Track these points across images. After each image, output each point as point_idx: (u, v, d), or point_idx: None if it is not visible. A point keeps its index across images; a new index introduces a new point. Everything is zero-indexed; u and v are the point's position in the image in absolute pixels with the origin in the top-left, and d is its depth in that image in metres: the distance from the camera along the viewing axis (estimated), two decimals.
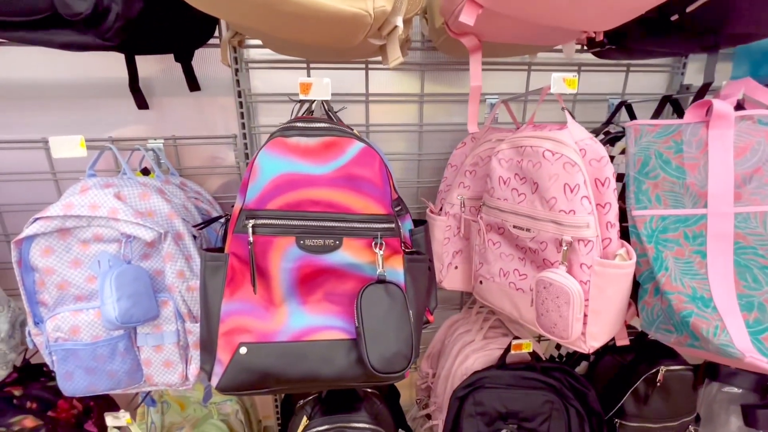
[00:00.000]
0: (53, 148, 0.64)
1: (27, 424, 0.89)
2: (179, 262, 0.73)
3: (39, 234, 0.69)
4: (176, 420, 1.09)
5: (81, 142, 0.64)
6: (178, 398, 1.08)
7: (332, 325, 0.57)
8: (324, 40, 0.58)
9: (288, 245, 0.55)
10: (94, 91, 0.93)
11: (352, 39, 0.58)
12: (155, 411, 1.05)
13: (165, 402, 1.07)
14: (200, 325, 0.56)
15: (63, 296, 0.73)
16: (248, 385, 0.52)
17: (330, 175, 0.57)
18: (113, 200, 0.69)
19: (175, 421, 1.09)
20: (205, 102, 0.97)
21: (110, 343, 0.73)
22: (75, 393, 0.75)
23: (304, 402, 0.88)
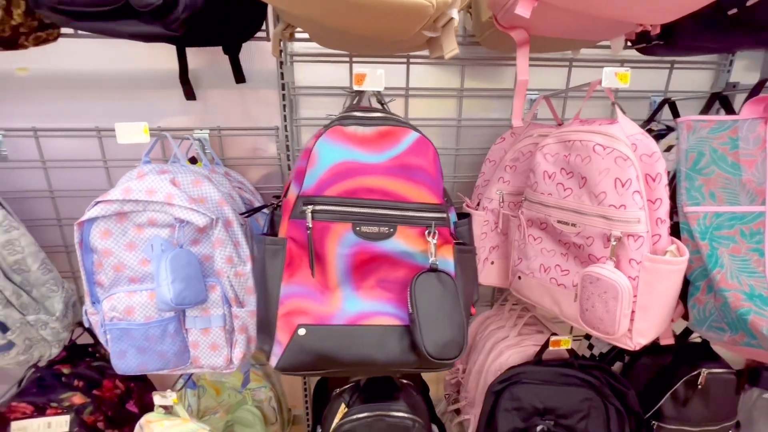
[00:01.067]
0: (118, 133, 0.67)
1: (76, 400, 0.93)
2: (228, 248, 0.76)
3: (99, 217, 0.72)
4: (211, 404, 1.12)
5: (144, 129, 0.67)
6: (214, 383, 1.10)
7: (385, 311, 0.58)
8: (382, 31, 0.59)
9: (345, 231, 0.57)
10: (143, 82, 0.96)
11: (410, 30, 0.59)
12: (192, 394, 1.08)
13: (201, 386, 1.10)
14: (258, 306, 0.57)
15: (118, 277, 0.75)
16: (306, 366, 0.54)
17: (385, 163, 0.58)
18: (169, 186, 0.71)
19: (210, 405, 1.12)
20: (248, 94, 0.99)
21: (161, 324, 0.76)
22: (126, 371, 0.78)
23: (341, 390, 0.89)
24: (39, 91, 0.93)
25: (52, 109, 0.94)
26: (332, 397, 0.91)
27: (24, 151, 0.94)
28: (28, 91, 0.92)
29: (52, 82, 0.93)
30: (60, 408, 0.90)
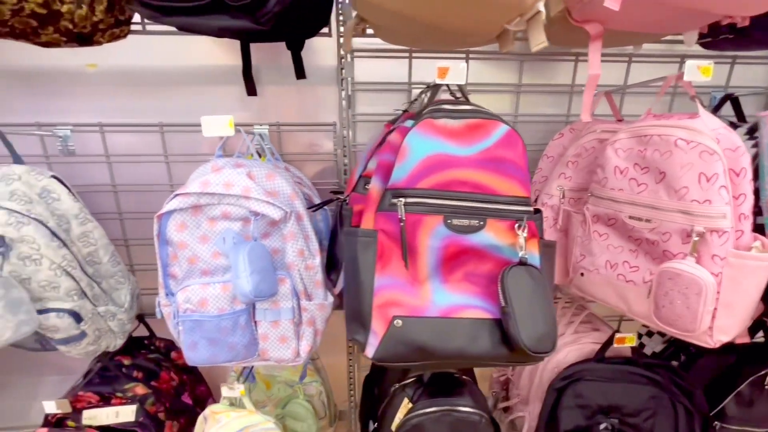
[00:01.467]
0: (204, 127, 0.68)
1: (138, 391, 0.94)
2: (300, 242, 0.76)
3: (176, 209, 0.73)
4: (260, 398, 1.13)
5: (230, 122, 0.68)
6: (265, 377, 1.11)
7: (474, 305, 0.58)
8: (473, 24, 0.59)
9: (436, 224, 0.57)
10: (202, 78, 0.97)
11: (501, 22, 0.59)
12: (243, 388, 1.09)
13: None
14: (349, 297, 0.58)
15: (191, 270, 0.77)
16: (402, 357, 0.54)
17: (475, 156, 0.58)
18: (246, 179, 0.72)
19: (259, 399, 1.13)
20: (305, 90, 1.00)
21: (233, 317, 0.77)
22: (197, 363, 0.79)
23: (401, 385, 0.89)
24: (104, 86, 0.95)
25: (116, 104, 0.96)
26: (391, 393, 0.91)
27: (87, 146, 0.96)
28: (94, 87, 0.94)
29: (117, 78, 0.94)
30: (124, 398, 0.92)
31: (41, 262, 0.73)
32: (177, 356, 1.11)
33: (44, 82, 0.93)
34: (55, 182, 0.78)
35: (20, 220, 0.71)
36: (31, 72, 0.92)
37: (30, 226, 0.71)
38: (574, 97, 1.03)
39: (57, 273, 0.75)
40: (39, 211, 0.74)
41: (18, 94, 0.93)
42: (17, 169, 0.75)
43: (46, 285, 0.75)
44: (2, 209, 0.70)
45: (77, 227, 0.79)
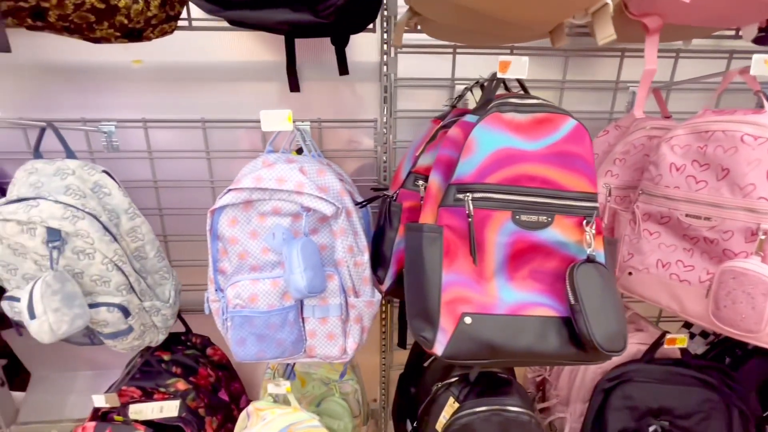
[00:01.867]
0: (263, 121, 0.67)
1: (179, 386, 0.94)
2: (349, 238, 0.76)
3: (229, 205, 0.73)
4: (295, 395, 1.13)
5: (288, 117, 0.67)
6: (301, 374, 1.11)
7: (541, 302, 0.57)
8: (538, 17, 0.58)
9: (504, 220, 0.56)
10: (243, 74, 0.97)
11: (567, 15, 0.58)
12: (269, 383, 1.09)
13: None
14: (413, 294, 0.57)
15: (241, 265, 0.76)
16: (471, 355, 0.53)
17: (543, 151, 0.57)
18: (299, 175, 0.72)
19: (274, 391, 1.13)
20: (345, 87, 0.99)
21: (282, 313, 0.76)
22: (245, 359, 0.79)
23: (444, 384, 0.88)
24: (147, 83, 0.95)
25: (157, 100, 0.96)
26: (433, 392, 0.90)
27: (128, 142, 0.97)
28: (136, 83, 0.95)
29: (160, 73, 0.95)
30: (167, 393, 0.92)
31: (94, 256, 0.73)
32: (212, 352, 1.11)
33: (89, 79, 0.94)
34: (107, 177, 0.78)
35: (75, 215, 0.71)
36: (76, 68, 0.93)
37: (84, 220, 0.72)
38: (619, 94, 1.01)
39: (108, 267, 0.75)
40: (92, 206, 0.74)
41: (63, 91, 0.94)
42: (71, 164, 0.75)
43: (97, 279, 0.76)
44: (59, 203, 0.70)
45: (126, 222, 0.80)
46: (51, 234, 0.69)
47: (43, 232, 0.69)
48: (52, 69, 0.93)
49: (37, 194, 0.71)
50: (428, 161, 0.79)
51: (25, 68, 0.92)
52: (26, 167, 0.75)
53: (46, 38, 0.91)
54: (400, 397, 1.13)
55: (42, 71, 0.93)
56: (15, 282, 0.77)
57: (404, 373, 1.13)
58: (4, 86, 0.93)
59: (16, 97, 0.94)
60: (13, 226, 0.69)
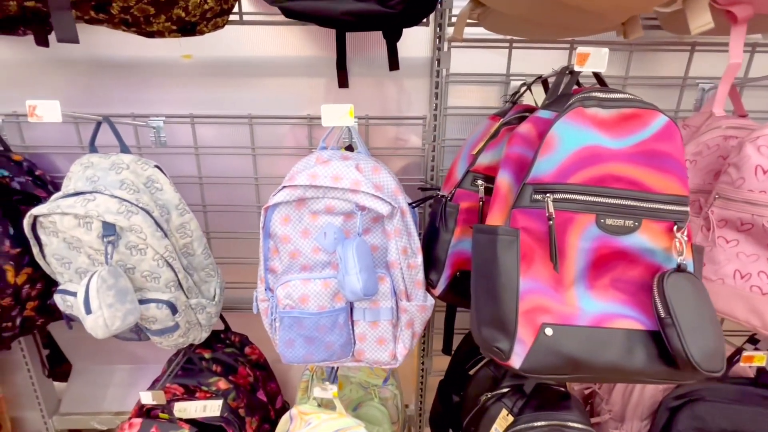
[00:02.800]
0: (324, 116, 0.65)
1: (221, 385, 0.93)
2: (404, 239, 0.73)
3: (282, 202, 0.71)
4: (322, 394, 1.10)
5: (350, 112, 0.65)
6: (339, 377, 1.09)
7: (625, 314, 0.52)
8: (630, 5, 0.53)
9: (588, 223, 0.52)
10: (290, 69, 0.95)
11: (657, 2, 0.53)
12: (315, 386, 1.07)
13: (324, 379, 1.09)
14: (484, 301, 0.53)
15: (292, 265, 0.74)
16: (552, 369, 0.49)
17: (629, 149, 0.52)
18: (355, 172, 0.69)
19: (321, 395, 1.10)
20: (393, 82, 0.96)
21: (333, 315, 0.74)
22: (293, 361, 0.76)
23: (495, 395, 0.84)
24: (196, 78, 0.94)
25: (205, 95, 0.96)
26: (482, 402, 0.86)
27: (175, 137, 0.96)
28: (186, 78, 0.94)
29: (208, 69, 0.94)
30: (209, 392, 0.91)
31: (146, 252, 0.72)
32: (251, 351, 1.10)
33: (138, 74, 0.94)
34: (159, 172, 0.77)
35: (130, 209, 0.70)
36: (126, 64, 0.93)
37: (138, 215, 0.71)
38: (686, 91, 0.95)
39: (159, 263, 0.74)
40: (145, 201, 0.74)
41: (113, 86, 0.94)
42: (125, 158, 0.75)
43: (148, 275, 0.75)
44: (114, 198, 0.70)
45: (177, 218, 0.79)
46: (106, 228, 0.69)
47: (99, 227, 0.69)
48: (103, 64, 0.93)
49: (93, 188, 0.70)
50: (488, 160, 0.75)
51: (77, 64, 0.93)
52: (82, 161, 0.75)
53: (98, 34, 0.91)
54: (440, 405, 1.09)
55: (93, 67, 0.93)
56: (68, 275, 0.77)
57: (445, 380, 1.10)
58: (57, 81, 0.94)
59: (67, 92, 0.95)
60: (71, 219, 0.68)
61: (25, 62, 0.93)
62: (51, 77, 0.94)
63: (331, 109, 0.64)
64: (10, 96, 0.93)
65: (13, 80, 0.94)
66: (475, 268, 0.56)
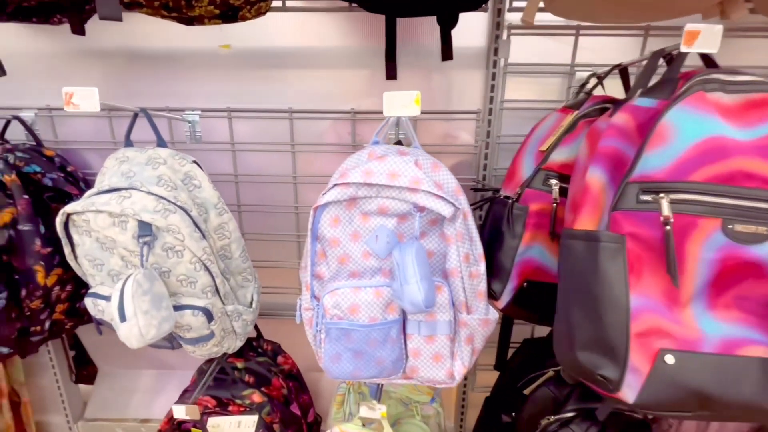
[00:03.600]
0: (386, 104, 0.58)
1: (255, 399, 0.87)
2: (466, 244, 0.65)
3: (332, 202, 0.64)
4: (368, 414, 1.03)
5: (416, 99, 0.58)
6: None
7: (754, 339, 0.44)
8: None
9: (713, 230, 0.43)
10: (333, 60, 0.89)
11: None
12: (354, 402, 1.00)
13: (361, 393, 1.02)
14: (582, 319, 0.45)
15: (340, 271, 0.68)
16: (673, 405, 0.41)
17: (760, 142, 0.44)
18: (414, 169, 0.62)
19: (368, 415, 1.03)
20: (443, 74, 0.89)
21: (385, 328, 0.67)
22: (338, 376, 0.69)
23: (558, 420, 0.75)
24: (233, 70, 0.89)
25: (241, 88, 0.90)
26: (543, 426, 0.77)
27: (210, 132, 0.91)
28: (223, 70, 0.89)
29: (246, 60, 0.89)
30: (242, 405, 0.85)
31: (183, 254, 0.67)
32: (283, 361, 1.04)
33: (172, 65, 0.89)
34: (197, 168, 0.72)
35: (167, 208, 0.65)
36: (160, 54, 0.89)
37: (176, 214, 0.65)
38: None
39: (196, 267, 0.68)
40: (184, 199, 0.68)
41: (147, 77, 0.90)
42: (162, 153, 0.69)
43: (183, 279, 0.69)
44: (151, 195, 0.64)
45: (215, 218, 0.73)
46: (142, 228, 0.63)
47: (135, 226, 0.63)
48: (137, 55, 0.89)
49: (129, 184, 0.65)
50: (564, 156, 0.67)
51: (110, 55, 0.89)
52: (117, 155, 0.70)
53: (134, 23, 0.87)
54: (486, 425, 1.00)
55: (127, 58, 0.89)
56: (100, 278, 0.72)
57: (492, 398, 1.01)
58: (89, 73, 0.90)
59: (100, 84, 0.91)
60: (105, 218, 0.63)
61: (58, 53, 0.89)
62: (83, 69, 0.90)
63: (395, 97, 0.57)
64: (42, 88, 0.90)
65: (45, 72, 0.90)
66: (565, 279, 0.48)
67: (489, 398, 1.03)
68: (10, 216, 0.74)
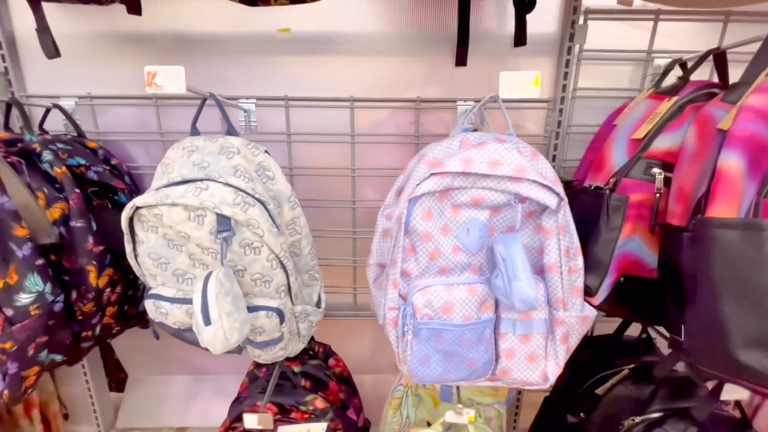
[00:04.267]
0: (503, 85, 0.54)
1: (318, 404, 0.82)
2: (566, 237, 0.61)
3: (426, 193, 0.60)
4: (424, 416, 0.99)
5: (535, 80, 0.54)
6: (434, 394, 0.97)
7: None
8: None
9: None
10: (397, 45, 0.84)
11: None
12: (412, 404, 0.96)
13: (418, 396, 0.98)
14: (739, 314, 0.42)
15: (429, 267, 0.63)
16: None
17: None
18: (518, 157, 0.58)
19: (423, 417, 0.99)
20: (511, 61, 0.85)
21: (479, 327, 0.62)
22: (426, 380, 0.65)
23: (645, 421, 0.72)
24: (291, 55, 0.84)
25: (301, 75, 0.85)
26: (627, 428, 0.74)
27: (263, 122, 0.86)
28: (281, 56, 0.84)
29: (305, 45, 0.83)
30: (306, 412, 0.80)
31: (261, 251, 0.62)
32: (335, 363, 0.99)
33: (226, 51, 0.84)
34: (270, 158, 0.66)
35: (246, 201, 0.60)
36: (213, 39, 0.83)
37: (255, 207, 0.60)
38: None
39: (273, 265, 0.63)
40: (261, 191, 0.63)
41: (198, 64, 0.84)
42: (234, 141, 0.64)
43: (258, 278, 0.64)
44: (229, 187, 0.59)
45: (288, 212, 0.68)
46: (221, 223, 0.58)
47: (213, 221, 0.58)
48: (185, 39, 0.83)
49: (205, 175, 0.59)
50: (668, 144, 0.63)
51: (159, 39, 0.83)
52: (183, 144, 0.65)
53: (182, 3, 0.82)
54: (548, 425, 0.97)
55: (176, 42, 0.83)
56: (162, 278, 0.66)
57: (554, 397, 0.98)
58: (135, 58, 0.84)
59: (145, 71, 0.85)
60: (180, 212, 0.58)
61: (101, 37, 0.83)
62: (128, 54, 0.84)
63: (513, 77, 0.53)
64: (83, 75, 0.83)
65: (86, 57, 0.84)
66: (708, 271, 0.45)
67: (549, 398, 1.00)
68: (60, 212, 0.68)
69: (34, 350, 0.60)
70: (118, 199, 0.82)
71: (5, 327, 0.56)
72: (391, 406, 0.97)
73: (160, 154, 0.89)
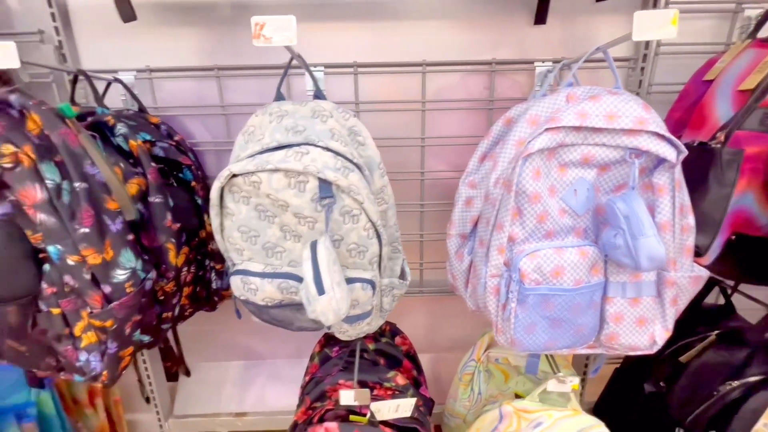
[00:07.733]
0: (636, 25, 0.50)
1: (399, 381, 0.80)
2: (682, 193, 0.58)
3: (536, 151, 0.56)
4: (493, 393, 0.97)
5: (674, 19, 0.50)
6: (503, 368, 0.95)
7: None
8: None
9: None
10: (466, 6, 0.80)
11: None
12: (484, 379, 0.94)
13: (488, 371, 0.96)
14: None
15: (535, 230, 0.60)
16: None
17: None
18: (638, 108, 0.55)
19: (493, 393, 0.97)
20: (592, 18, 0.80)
21: (590, 291, 0.60)
22: (531, 348, 0.63)
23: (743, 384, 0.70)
24: (358, 20, 0.79)
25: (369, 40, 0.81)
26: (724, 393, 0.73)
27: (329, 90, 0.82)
28: (348, 23, 0.79)
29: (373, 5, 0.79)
30: (390, 388, 0.78)
31: (359, 219, 0.58)
32: (401, 341, 0.96)
33: None
34: (360, 123, 0.63)
35: (346, 165, 0.56)
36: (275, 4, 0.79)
37: (354, 173, 0.57)
38: None
39: (369, 234, 0.60)
40: (357, 156, 0.59)
41: None
42: (325, 105, 0.60)
43: (354, 249, 0.61)
44: (329, 151, 0.56)
45: (378, 179, 0.65)
46: (323, 189, 0.55)
47: (315, 187, 0.55)
48: (245, 5, 0.79)
49: (304, 139, 0.56)
50: None
51: (218, 7, 0.79)
52: (270, 110, 0.61)
53: None
54: (621, 395, 0.96)
55: (237, 9, 0.79)
56: (249, 253, 0.63)
57: (626, 367, 0.96)
58: (193, 29, 0.80)
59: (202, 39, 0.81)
60: (280, 178, 0.54)
61: (158, 6, 0.78)
62: (186, 25, 0.80)
63: (648, 17, 0.49)
64: (142, 48, 0.79)
65: (139, 30, 0.79)
66: None
67: (621, 369, 0.98)
68: (137, 187, 0.64)
69: (130, 329, 0.57)
70: (183, 176, 0.78)
71: (104, 305, 0.53)
72: (462, 382, 0.95)
73: (219, 128, 0.86)
